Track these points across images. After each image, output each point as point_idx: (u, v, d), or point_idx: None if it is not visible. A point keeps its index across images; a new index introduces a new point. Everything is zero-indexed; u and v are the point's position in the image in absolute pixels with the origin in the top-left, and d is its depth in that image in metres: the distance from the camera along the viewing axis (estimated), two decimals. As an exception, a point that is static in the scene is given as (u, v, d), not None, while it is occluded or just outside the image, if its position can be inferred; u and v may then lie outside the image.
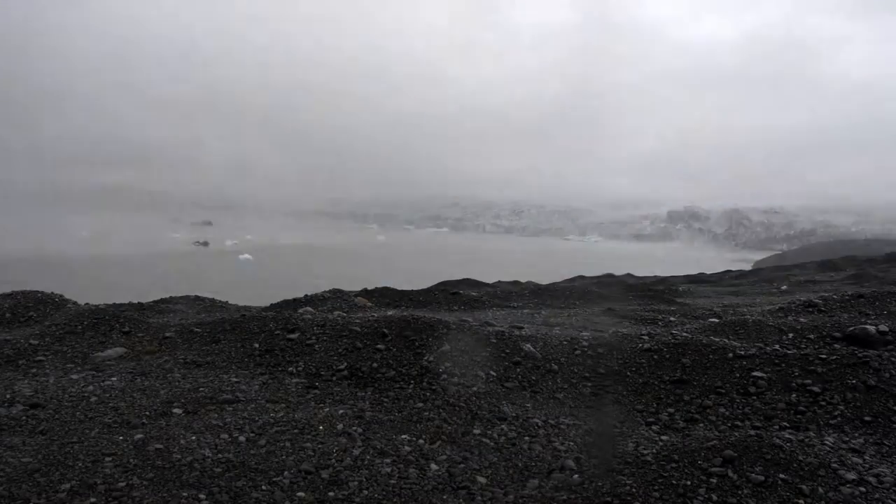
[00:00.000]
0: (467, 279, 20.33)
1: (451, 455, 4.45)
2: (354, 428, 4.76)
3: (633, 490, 3.67)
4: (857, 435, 4.76)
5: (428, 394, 5.66)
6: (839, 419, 5.04)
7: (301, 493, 3.82)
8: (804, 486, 3.64)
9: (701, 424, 5.23)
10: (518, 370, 6.23)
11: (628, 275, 28.90)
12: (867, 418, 4.98)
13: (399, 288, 13.49)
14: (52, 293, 9.70)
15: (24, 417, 4.79)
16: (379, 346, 6.58)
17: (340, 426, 4.78)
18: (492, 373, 6.11)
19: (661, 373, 6.15)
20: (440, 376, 5.99)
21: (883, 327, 7.08)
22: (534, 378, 6.14)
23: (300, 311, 8.64)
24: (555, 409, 5.56)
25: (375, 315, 8.18)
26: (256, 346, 6.83)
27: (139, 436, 4.45)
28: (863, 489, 3.65)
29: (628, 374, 6.24)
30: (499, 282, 21.07)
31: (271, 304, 11.42)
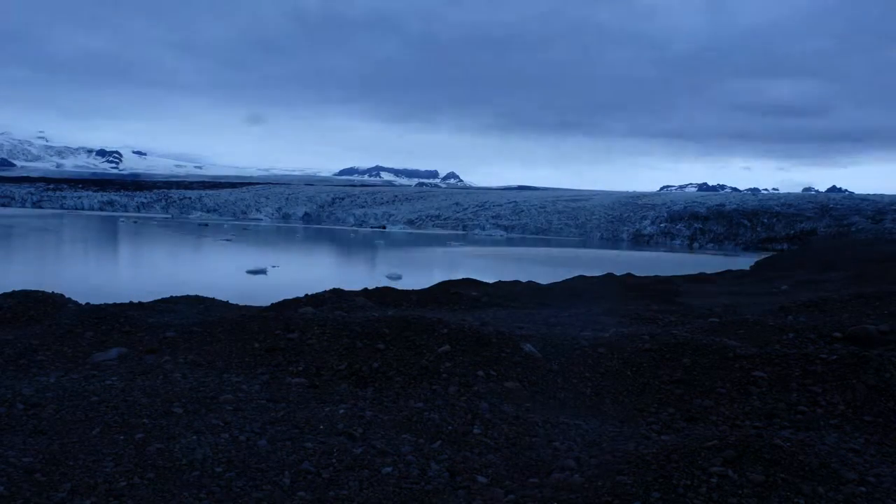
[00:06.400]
0: (467, 279, 20.31)
1: (451, 455, 4.45)
2: (355, 428, 4.77)
3: (633, 490, 3.68)
4: (857, 435, 4.77)
5: (428, 394, 5.67)
6: (839, 419, 5.05)
7: (302, 493, 3.82)
8: (804, 486, 3.64)
9: (701, 424, 5.24)
10: (518, 370, 6.23)
11: (628, 275, 28.86)
12: (867, 418, 4.99)
13: (399, 288, 13.51)
14: (53, 293, 9.71)
15: (24, 417, 4.79)
16: (379, 345, 6.59)
17: (341, 426, 4.79)
18: (492, 372, 6.12)
19: (662, 373, 6.16)
20: (440, 376, 6.00)
21: (883, 327, 7.10)
22: (534, 378, 6.14)
23: (300, 310, 8.64)
24: (555, 408, 5.57)
25: (375, 315, 8.18)
26: (257, 345, 6.83)
27: (140, 435, 4.45)
28: (863, 489, 3.65)
29: (628, 373, 6.25)
30: (499, 282, 21.05)
31: (271, 304, 11.43)
